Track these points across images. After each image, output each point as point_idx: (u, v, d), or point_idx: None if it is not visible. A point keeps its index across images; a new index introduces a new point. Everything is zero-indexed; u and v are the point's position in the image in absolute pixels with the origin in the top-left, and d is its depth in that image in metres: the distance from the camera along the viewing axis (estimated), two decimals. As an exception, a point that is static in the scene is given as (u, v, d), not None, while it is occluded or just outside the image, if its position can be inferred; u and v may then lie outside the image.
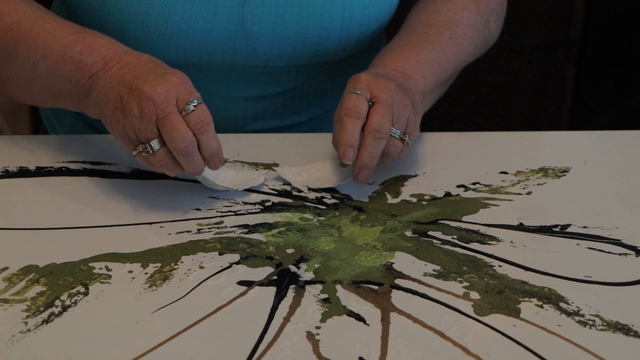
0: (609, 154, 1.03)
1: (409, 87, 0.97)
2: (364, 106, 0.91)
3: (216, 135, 0.87)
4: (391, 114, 0.91)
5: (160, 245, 0.84)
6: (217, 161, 0.88)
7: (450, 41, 1.04)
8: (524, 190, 0.95)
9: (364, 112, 0.91)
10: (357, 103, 0.91)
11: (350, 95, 0.91)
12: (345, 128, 0.90)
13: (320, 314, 0.75)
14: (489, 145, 1.06)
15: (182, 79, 0.88)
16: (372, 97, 0.92)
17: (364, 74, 0.94)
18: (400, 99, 0.93)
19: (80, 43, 0.92)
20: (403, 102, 0.93)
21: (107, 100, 0.89)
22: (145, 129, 0.86)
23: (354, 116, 0.90)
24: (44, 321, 0.73)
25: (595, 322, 0.74)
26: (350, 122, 0.90)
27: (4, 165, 0.97)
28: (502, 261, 0.83)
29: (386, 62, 1.00)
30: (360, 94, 0.91)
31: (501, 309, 0.76)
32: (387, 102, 0.91)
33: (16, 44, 0.94)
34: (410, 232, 0.87)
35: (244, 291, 0.77)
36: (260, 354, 0.70)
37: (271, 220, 0.89)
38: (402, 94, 0.93)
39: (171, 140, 0.85)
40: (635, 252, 0.84)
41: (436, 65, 1.02)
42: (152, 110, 0.85)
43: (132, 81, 0.88)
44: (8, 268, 0.80)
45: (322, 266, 0.81)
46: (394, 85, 0.93)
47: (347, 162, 0.90)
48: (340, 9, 1.01)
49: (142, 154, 0.87)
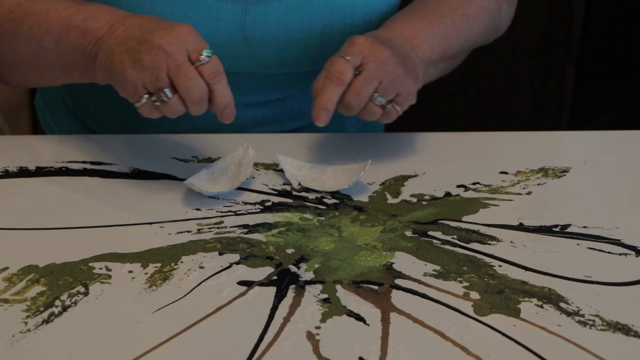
0: (609, 154, 1.03)
1: (411, 55, 0.97)
2: (349, 73, 0.91)
3: (228, 87, 0.89)
4: (374, 84, 0.92)
5: (160, 245, 0.84)
6: (230, 113, 0.89)
7: (462, 19, 1.05)
8: (524, 190, 0.95)
9: (347, 79, 0.91)
10: (342, 69, 0.91)
11: (338, 60, 0.92)
12: (324, 91, 0.91)
13: (320, 314, 0.75)
14: (489, 145, 1.06)
15: (191, 30, 0.89)
16: (361, 64, 0.92)
17: (363, 38, 0.94)
18: (393, 68, 0.93)
19: (83, 12, 0.93)
20: (395, 72, 0.93)
21: (113, 58, 0.89)
22: (157, 78, 0.87)
23: (335, 82, 0.91)
24: (44, 321, 0.73)
25: (595, 322, 0.74)
26: (330, 86, 0.91)
27: (4, 165, 0.97)
28: (502, 261, 0.83)
29: (397, 26, 1.00)
30: (349, 60, 0.92)
31: (501, 309, 0.76)
32: (372, 74, 0.92)
33: (19, 24, 0.95)
34: (410, 232, 0.87)
35: (244, 291, 0.77)
36: (260, 354, 0.70)
37: (271, 220, 0.88)
38: (395, 63, 0.93)
39: (187, 90, 0.87)
40: (635, 252, 0.84)
41: (445, 39, 1.03)
42: (163, 59, 0.87)
43: (140, 36, 0.89)
44: (8, 268, 0.80)
45: (322, 266, 0.81)
46: (390, 54, 0.93)
47: (319, 124, 0.91)
48: (342, 15, 1.02)
49: (151, 102, 0.88)
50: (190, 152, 1.00)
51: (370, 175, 0.96)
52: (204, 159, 0.99)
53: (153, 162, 0.98)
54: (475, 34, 1.07)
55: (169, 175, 0.96)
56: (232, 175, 0.94)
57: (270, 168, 0.98)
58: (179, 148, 1.01)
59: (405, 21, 1.01)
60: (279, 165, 0.97)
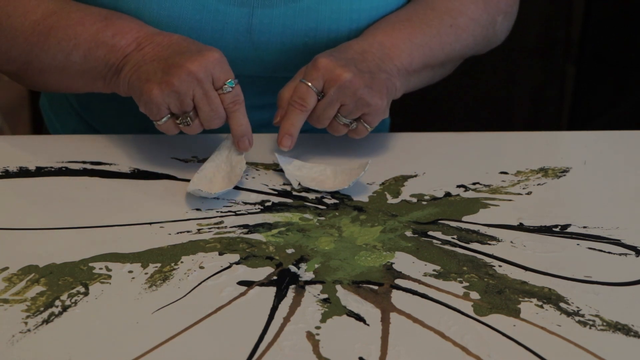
0: (609, 154, 1.03)
1: (384, 67, 0.98)
2: (312, 100, 0.95)
3: (246, 116, 0.93)
4: (335, 108, 0.95)
5: (160, 245, 0.84)
6: (247, 143, 0.95)
7: (449, 29, 1.05)
8: (524, 190, 0.95)
9: (310, 105, 0.95)
10: (304, 95, 0.94)
11: (300, 86, 0.95)
12: (288, 117, 0.95)
13: (320, 314, 0.75)
14: (489, 145, 1.06)
15: (220, 57, 0.92)
16: (323, 88, 0.94)
17: (325, 59, 0.95)
18: (355, 90, 0.94)
19: (111, 28, 0.95)
20: (357, 94, 0.94)
21: (139, 76, 0.92)
22: (183, 103, 0.90)
23: (298, 108, 0.95)
24: (44, 321, 0.73)
25: (595, 322, 0.74)
26: (294, 112, 0.95)
27: (4, 165, 0.97)
28: (502, 261, 0.83)
29: (377, 34, 1.00)
30: (310, 86, 0.94)
31: (501, 309, 0.76)
32: (332, 99, 0.94)
33: (46, 38, 0.97)
34: (410, 232, 0.87)
35: (244, 291, 0.77)
36: (260, 354, 0.70)
37: (271, 220, 0.88)
38: (358, 85, 0.94)
39: (208, 120, 0.92)
40: (635, 252, 0.84)
41: (427, 48, 1.03)
42: (191, 86, 0.90)
43: (168, 57, 0.92)
44: (8, 268, 0.80)
45: (322, 266, 0.81)
46: (351, 77, 0.94)
47: (284, 149, 0.95)
48: (348, 20, 1.02)
49: (173, 122, 0.92)
50: (190, 152, 1.00)
51: (370, 175, 0.96)
52: (204, 159, 0.99)
53: (153, 162, 0.98)
54: (463, 45, 1.07)
55: (169, 175, 0.96)
56: (226, 173, 0.94)
57: (270, 168, 0.98)
58: (179, 148, 1.01)
59: (387, 29, 1.01)
60: (279, 165, 0.97)
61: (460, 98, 2.18)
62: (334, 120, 0.96)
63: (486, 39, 1.11)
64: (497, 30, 1.11)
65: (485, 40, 1.11)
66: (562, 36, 2.16)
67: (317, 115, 0.95)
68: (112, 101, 1.08)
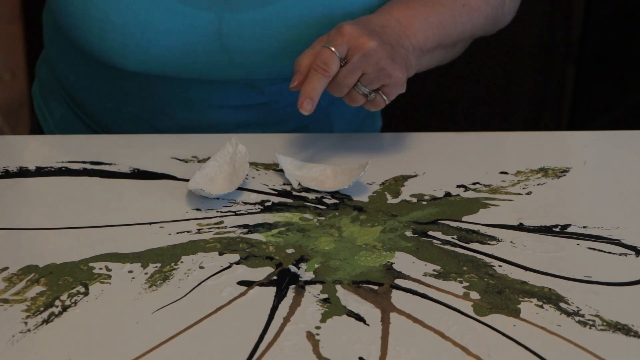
0: (609, 154, 1.03)
1: (402, 43, 0.98)
2: (335, 65, 0.93)
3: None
4: (357, 76, 0.94)
5: (160, 245, 0.84)
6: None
7: (462, 9, 1.05)
8: (524, 190, 0.95)
9: (332, 71, 0.93)
10: (327, 60, 0.93)
11: (325, 51, 0.94)
12: (310, 81, 0.93)
13: (320, 314, 0.75)
14: (489, 145, 1.06)
15: None
16: (347, 55, 0.94)
17: (351, 27, 0.95)
18: (378, 60, 0.94)
19: None
20: (380, 64, 0.94)
21: None
22: None
23: (321, 72, 0.93)
24: (44, 321, 0.73)
25: (595, 322, 0.74)
26: (316, 77, 0.93)
27: (4, 165, 0.97)
28: (502, 261, 0.83)
29: (393, 12, 1.01)
30: (334, 51, 0.93)
31: (501, 309, 0.76)
32: (355, 67, 0.93)
33: None
34: (410, 232, 0.87)
35: (244, 291, 0.77)
36: (260, 354, 0.70)
37: (271, 220, 0.89)
38: (382, 55, 0.94)
39: None
40: (635, 252, 0.84)
41: (442, 28, 1.03)
42: None
43: None
44: (8, 268, 0.80)
45: (322, 266, 0.81)
46: (376, 45, 0.94)
47: (304, 112, 0.93)
48: (320, 24, 1.02)
49: None
50: (190, 152, 1.00)
51: (370, 175, 0.96)
52: (204, 159, 0.99)
53: (153, 162, 0.98)
54: (474, 24, 1.07)
55: (169, 175, 0.96)
56: (228, 174, 0.94)
57: (270, 168, 0.98)
58: (179, 148, 1.01)
59: (402, 7, 1.02)
60: (279, 165, 0.97)
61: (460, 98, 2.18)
62: (353, 89, 0.95)
63: (496, 19, 1.11)
64: (505, 10, 1.12)
65: (494, 20, 1.11)
66: (562, 36, 2.16)
67: (337, 82, 0.94)
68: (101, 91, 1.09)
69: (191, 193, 0.92)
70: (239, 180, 0.93)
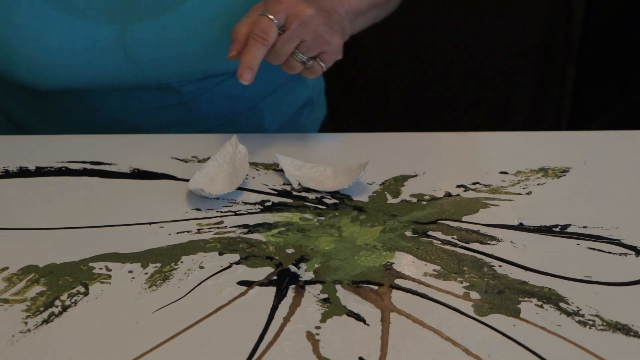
0: (609, 154, 1.03)
1: (337, 9, 0.98)
2: (273, 33, 0.93)
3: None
4: (295, 43, 0.94)
5: (160, 245, 0.84)
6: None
7: None
8: (524, 190, 0.95)
9: (271, 39, 0.93)
10: (266, 29, 0.93)
11: (262, 19, 0.94)
12: (249, 50, 0.93)
13: (320, 314, 0.75)
14: (489, 145, 1.06)
15: None
16: (285, 23, 0.94)
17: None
18: (316, 27, 0.94)
19: None
20: (317, 31, 0.94)
21: None
22: None
23: (260, 41, 0.93)
24: (44, 321, 0.73)
25: (595, 322, 0.74)
26: (255, 46, 0.93)
27: (4, 165, 0.97)
28: (502, 261, 0.83)
29: None
30: (272, 19, 0.93)
31: (501, 309, 0.76)
32: (293, 34, 0.94)
33: None
34: (410, 232, 0.87)
35: (244, 291, 0.77)
36: (260, 354, 0.70)
37: (271, 220, 0.89)
38: (319, 22, 0.94)
39: None
40: (635, 252, 0.84)
41: None
42: None
43: None
44: (8, 268, 0.80)
45: (322, 266, 0.81)
46: (313, 12, 0.94)
47: (244, 82, 0.93)
48: (221, 24, 1.02)
49: None
50: (190, 152, 1.00)
51: (370, 175, 0.96)
52: (204, 159, 0.99)
53: (153, 162, 0.98)
54: None
55: (169, 175, 0.96)
56: (228, 174, 0.94)
57: (270, 168, 0.98)
58: (179, 148, 1.01)
59: None
60: (279, 165, 0.97)
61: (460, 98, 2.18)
62: (291, 57, 0.96)
63: None
64: None
65: None
66: (562, 36, 2.16)
67: (276, 51, 0.94)
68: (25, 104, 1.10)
69: (191, 193, 0.92)
70: (239, 180, 0.93)
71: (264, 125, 1.17)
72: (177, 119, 1.10)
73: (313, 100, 1.26)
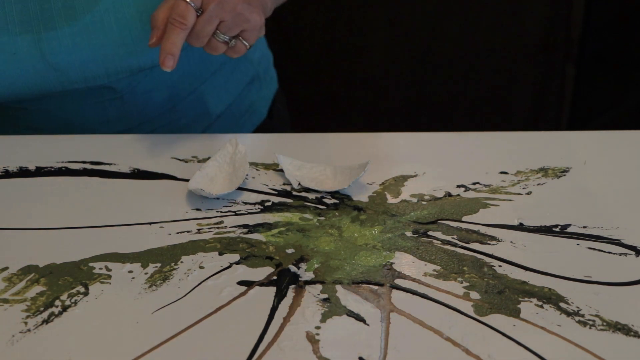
0: (609, 154, 1.03)
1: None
2: (191, 17, 0.94)
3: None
4: (214, 24, 0.94)
5: (160, 245, 0.84)
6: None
7: None
8: (524, 190, 0.95)
9: (189, 23, 0.94)
10: (183, 13, 0.93)
11: (179, 3, 0.94)
12: (168, 36, 0.93)
13: (320, 314, 0.75)
14: (489, 145, 1.06)
15: None
16: (202, 4, 0.94)
17: None
18: (234, 6, 0.94)
19: None
20: (236, 10, 0.94)
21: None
22: None
23: (178, 26, 0.93)
24: (44, 321, 0.73)
25: (595, 322, 0.74)
26: (174, 31, 0.93)
27: (4, 165, 0.97)
28: (502, 261, 0.83)
29: None
30: (189, 3, 0.93)
31: (501, 309, 0.76)
32: (211, 15, 0.94)
33: None
34: (410, 232, 0.87)
35: (244, 291, 0.77)
36: (260, 354, 0.70)
37: (271, 220, 0.89)
38: (237, 0, 0.94)
39: None
40: (635, 252, 0.84)
41: None
42: None
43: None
44: (8, 268, 0.80)
45: (322, 266, 0.81)
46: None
47: (166, 69, 0.93)
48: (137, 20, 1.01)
49: None
50: (190, 152, 1.00)
51: (370, 175, 0.96)
52: (204, 159, 0.99)
53: (153, 162, 0.98)
54: None
55: (169, 175, 0.96)
56: (228, 174, 0.94)
57: (270, 168, 0.98)
58: (179, 148, 1.01)
59: None
60: (279, 165, 0.97)
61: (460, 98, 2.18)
62: (213, 38, 0.96)
63: None
64: None
65: None
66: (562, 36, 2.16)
67: (196, 33, 0.94)
68: None
69: (191, 193, 0.92)
70: (239, 180, 0.93)
71: (209, 108, 1.16)
72: (117, 113, 1.10)
73: (260, 76, 1.25)
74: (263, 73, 1.26)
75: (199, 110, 1.16)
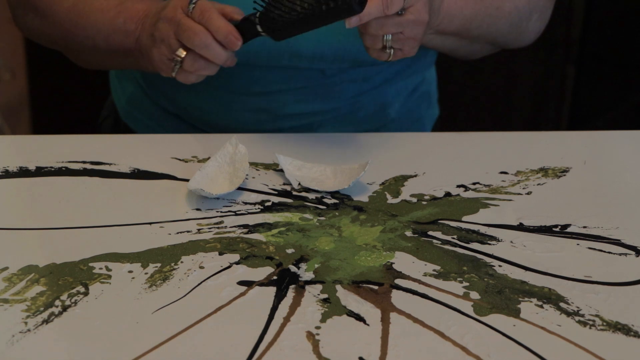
0: (609, 154, 1.03)
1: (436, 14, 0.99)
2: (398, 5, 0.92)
3: (221, 17, 0.93)
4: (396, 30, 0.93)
5: (160, 245, 0.84)
6: (233, 39, 0.93)
7: (495, 11, 1.06)
8: (524, 190, 0.95)
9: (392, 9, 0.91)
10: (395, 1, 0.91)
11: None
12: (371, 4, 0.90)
13: (320, 314, 0.75)
14: (489, 145, 1.06)
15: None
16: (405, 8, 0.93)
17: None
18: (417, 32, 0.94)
19: (122, 14, 1.02)
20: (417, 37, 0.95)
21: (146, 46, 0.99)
22: (169, 45, 0.94)
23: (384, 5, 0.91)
24: (44, 321, 0.73)
25: (595, 322, 0.74)
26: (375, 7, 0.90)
27: (4, 165, 0.97)
28: (502, 261, 0.83)
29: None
30: None
31: (501, 309, 0.76)
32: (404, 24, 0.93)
33: (75, 25, 1.04)
34: (410, 232, 0.87)
35: (244, 291, 0.77)
36: (260, 354, 0.70)
37: (271, 220, 0.88)
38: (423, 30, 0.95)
39: (187, 40, 0.93)
40: (635, 252, 0.84)
41: (468, 21, 1.04)
42: (166, 27, 0.94)
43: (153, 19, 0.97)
44: (8, 268, 0.80)
45: (322, 266, 0.81)
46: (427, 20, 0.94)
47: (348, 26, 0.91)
48: None
49: (176, 69, 0.96)
50: (190, 152, 1.00)
51: (370, 175, 0.96)
52: (204, 159, 0.99)
53: (153, 162, 0.98)
54: (498, 29, 1.08)
55: (169, 175, 0.96)
56: (228, 174, 0.94)
57: (270, 168, 0.98)
58: (179, 148, 1.01)
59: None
60: (279, 165, 0.97)
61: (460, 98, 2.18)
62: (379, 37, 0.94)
63: (519, 31, 1.11)
64: (529, 27, 1.12)
65: (518, 31, 1.11)
66: (562, 36, 2.16)
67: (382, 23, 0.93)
68: None
69: (191, 193, 0.92)
70: (239, 180, 0.93)
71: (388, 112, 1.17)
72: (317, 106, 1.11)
73: (430, 94, 1.25)
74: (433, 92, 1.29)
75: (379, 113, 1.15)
